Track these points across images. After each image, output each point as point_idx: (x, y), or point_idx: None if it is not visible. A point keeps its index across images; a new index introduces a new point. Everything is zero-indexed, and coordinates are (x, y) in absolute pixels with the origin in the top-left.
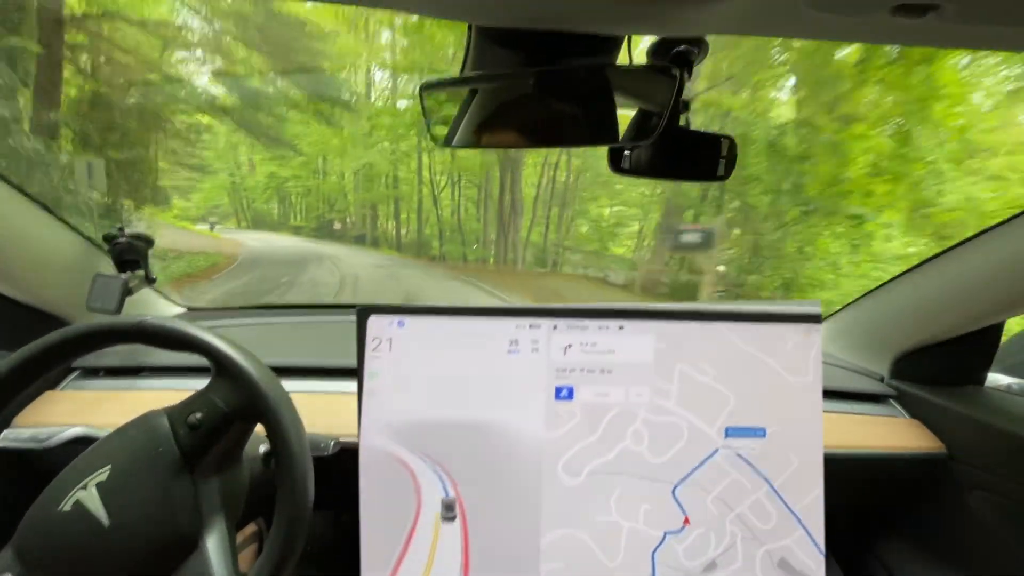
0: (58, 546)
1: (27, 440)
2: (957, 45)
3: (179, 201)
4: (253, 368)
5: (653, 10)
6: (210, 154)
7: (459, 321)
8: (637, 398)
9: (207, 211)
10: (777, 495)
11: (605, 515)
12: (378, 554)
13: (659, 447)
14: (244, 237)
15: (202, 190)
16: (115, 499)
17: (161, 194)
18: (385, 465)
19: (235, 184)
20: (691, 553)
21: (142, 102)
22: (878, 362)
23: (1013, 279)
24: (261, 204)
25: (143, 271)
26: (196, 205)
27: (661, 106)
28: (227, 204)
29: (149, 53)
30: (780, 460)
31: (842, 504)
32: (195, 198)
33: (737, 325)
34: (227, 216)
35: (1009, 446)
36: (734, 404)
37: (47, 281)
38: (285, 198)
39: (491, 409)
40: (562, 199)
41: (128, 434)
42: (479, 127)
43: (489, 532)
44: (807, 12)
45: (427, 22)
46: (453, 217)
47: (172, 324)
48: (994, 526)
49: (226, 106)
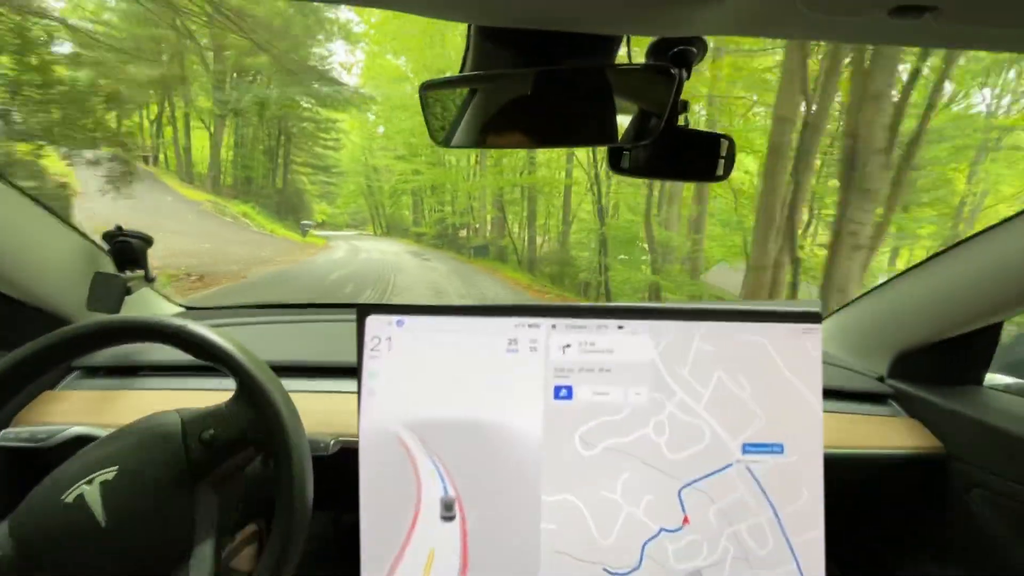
0: (53, 536)
1: (26, 439)
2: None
3: (324, 206)
4: (279, 399)
5: (652, 10)
6: (343, 155)
7: (458, 320)
8: (636, 397)
9: (351, 217)
10: (779, 524)
11: (609, 492)
12: (377, 553)
13: (677, 444)
14: (337, 243)
15: (342, 195)
16: (115, 501)
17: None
18: (385, 464)
19: (370, 187)
20: (680, 555)
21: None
22: (877, 361)
23: (1012, 279)
24: (392, 209)
25: (142, 270)
26: (343, 211)
27: (660, 106)
28: (365, 209)
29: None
30: (791, 489)
31: (841, 503)
32: (339, 203)
33: (736, 324)
34: (364, 222)
35: (1008, 445)
36: (761, 424)
37: (46, 280)
38: (418, 204)
39: (490, 408)
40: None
41: (141, 436)
42: (479, 127)
43: (488, 531)
44: (805, 13)
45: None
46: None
47: (213, 337)
48: (993, 525)
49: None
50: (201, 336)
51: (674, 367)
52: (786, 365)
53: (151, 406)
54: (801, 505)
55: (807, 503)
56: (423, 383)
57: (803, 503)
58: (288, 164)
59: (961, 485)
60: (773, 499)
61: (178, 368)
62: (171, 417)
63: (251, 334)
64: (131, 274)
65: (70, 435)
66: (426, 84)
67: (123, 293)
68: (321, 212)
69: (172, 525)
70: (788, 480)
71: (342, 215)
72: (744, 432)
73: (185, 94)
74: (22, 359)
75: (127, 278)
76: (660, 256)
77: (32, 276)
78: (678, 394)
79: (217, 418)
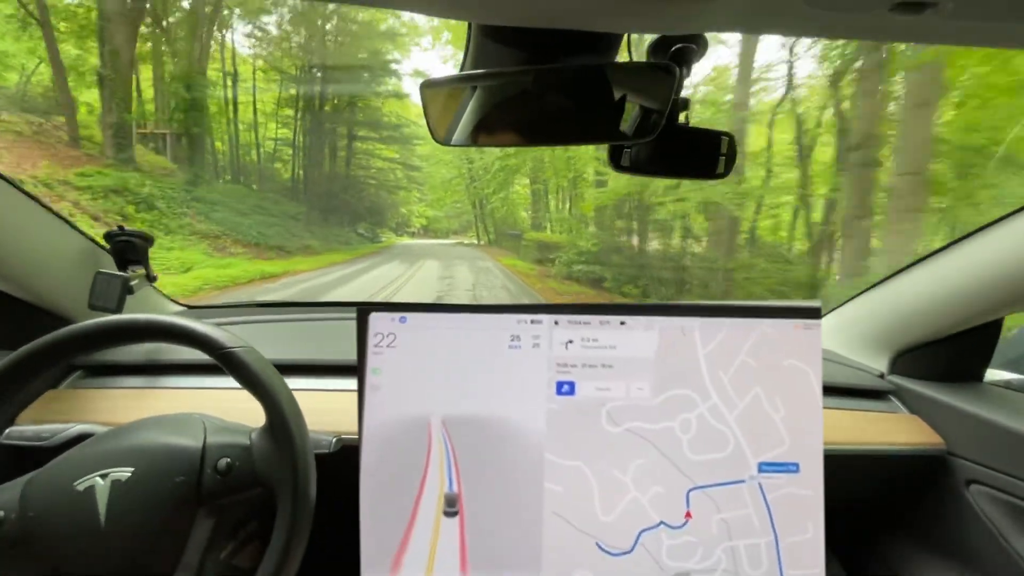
0: (54, 519)
1: (30, 438)
2: (956, 42)
3: (424, 208)
4: (301, 444)
5: (652, 8)
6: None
7: (460, 317)
8: (639, 392)
9: (459, 223)
10: (777, 551)
11: (620, 473)
12: (378, 550)
13: (699, 446)
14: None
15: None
16: (119, 505)
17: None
18: (386, 461)
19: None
20: (674, 553)
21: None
22: (878, 358)
23: (1013, 276)
24: (501, 208)
25: (144, 269)
26: (447, 215)
27: (661, 103)
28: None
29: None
30: (797, 520)
31: (842, 499)
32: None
33: (738, 321)
34: (468, 227)
35: (1008, 442)
36: (784, 449)
37: (48, 279)
38: (540, 199)
39: (492, 404)
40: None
41: (163, 444)
42: (479, 125)
43: (489, 527)
44: (806, 9)
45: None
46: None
47: (257, 364)
48: (993, 521)
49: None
50: (244, 360)
51: (717, 371)
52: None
53: (156, 405)
54: (803, 539)
55: (809, 540)
56: (426, 379)
57: (806, 538)
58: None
59: (962, 481)
60: (778, 525)
61: (182, 367)
62: (195, 426)
63: (252, 332)
64: (133, 273)
65: (73, 434)
66: (426, 82)
67: (125, 292)
68: (420, 216)
69: (164, 542)
70: (797, 510)
71: (442, 219)
72: (767, 453)
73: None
74: (25, 357)
75: (129, 277)
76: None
77: (34, 276)
78: (713, 399)
79: (237, 449)
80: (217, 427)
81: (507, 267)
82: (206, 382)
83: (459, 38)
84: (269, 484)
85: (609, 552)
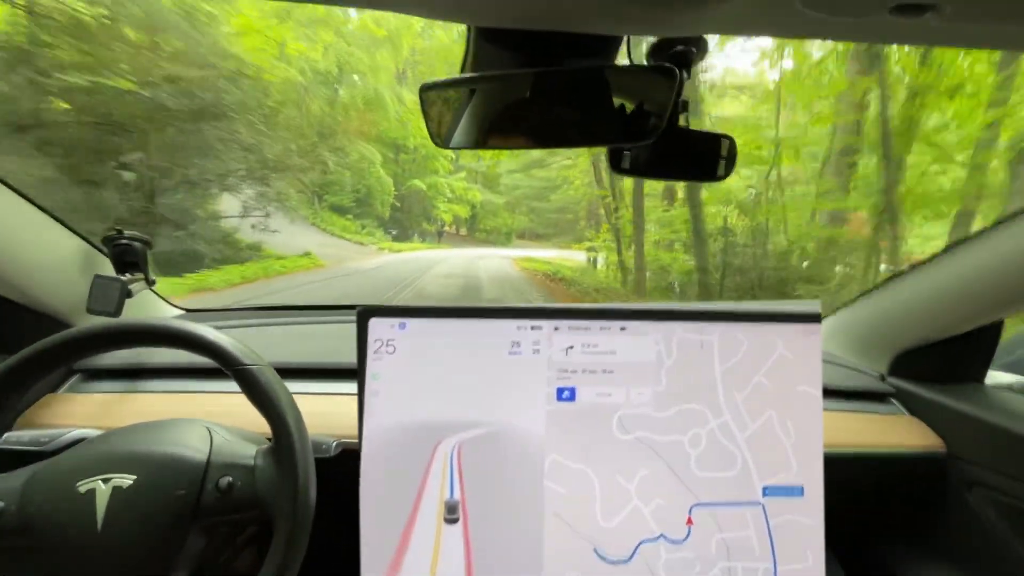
0: (53, 518)
1: (28, 442)
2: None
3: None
4: (304, 472)
5: (652, 10)
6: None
7: (460, 323)
8: (639, 398)
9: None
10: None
11: (625, 481)
12: (378, 555)
13: (707, 463)
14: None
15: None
16: (118, 512)
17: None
18: (386, 466)
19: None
20: (671, 567)
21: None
22: (878, 360)
23: (1013, 277)
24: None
25: (142, 273)
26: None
27: (661, 106)
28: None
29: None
30: (797, 549)
31: (842, 502)
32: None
33: (738, 325)
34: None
35: (1009, 444)
36: (790, 474)
37: (46, 283)
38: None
39: (492, 410)
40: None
41: (168, 453)
42: (478, 128)
43: (492, 533)
44: (805, 12)
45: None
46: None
47: (271, 384)
48: (994, 523)
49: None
50: (264, 381)
51: (732, 391)
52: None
53: (154, 409)
54: (802, 568)
55: (808, 569)
56: (426, 385)
57: (805, 566)
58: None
59: (962, 484)
60: (778, 552)
61: (181, 371)
62: (201, 436)
63: (251, 336)
64: (131, 277)
65: (72, 438)
66: (426, 85)
67: (123, 296)
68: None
69: (155, 555)
70: (798, 538)
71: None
72: (773, 477)
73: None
74: (24, 361)
75: (127, 281)
76: None
77: (32, 279)
78: (725, 416)
79: (241, 470)
80: (223, 438)
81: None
82: (207, 386)
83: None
84: (268, 509)
85: (606, 560)
